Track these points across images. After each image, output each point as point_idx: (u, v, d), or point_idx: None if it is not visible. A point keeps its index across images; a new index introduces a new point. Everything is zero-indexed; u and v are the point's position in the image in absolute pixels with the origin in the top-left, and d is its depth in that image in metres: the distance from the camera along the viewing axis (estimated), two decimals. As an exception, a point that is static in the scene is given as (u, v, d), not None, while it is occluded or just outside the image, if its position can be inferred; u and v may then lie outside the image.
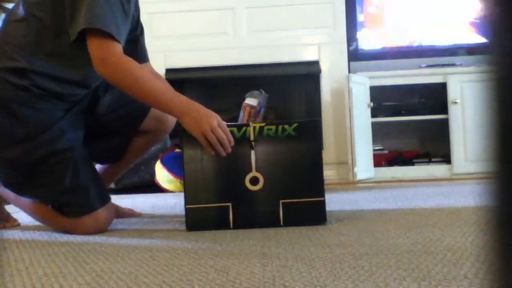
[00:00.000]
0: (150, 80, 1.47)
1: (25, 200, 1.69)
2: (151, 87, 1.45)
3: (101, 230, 1.58)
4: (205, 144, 1.45)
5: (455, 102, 3.47)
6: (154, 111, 1.75)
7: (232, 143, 1.49)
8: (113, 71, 1.44)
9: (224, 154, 1.48)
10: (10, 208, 1.87)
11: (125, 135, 1.83)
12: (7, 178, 1.61)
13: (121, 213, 1.91)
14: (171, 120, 1.79)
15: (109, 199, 1.66)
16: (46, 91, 1.54)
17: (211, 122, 1.44)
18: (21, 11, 1.53)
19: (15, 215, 1.85)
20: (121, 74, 1.44)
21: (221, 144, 1.47)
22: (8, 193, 1.74)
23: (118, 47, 1.45)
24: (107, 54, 1.43)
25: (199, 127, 1.44)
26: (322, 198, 1.54)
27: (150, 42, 2.23)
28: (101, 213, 1.59)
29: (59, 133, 1.57)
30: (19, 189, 1.62)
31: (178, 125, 1.52)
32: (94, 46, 1.43)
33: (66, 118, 1.61)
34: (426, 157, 3.64)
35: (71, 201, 1.58)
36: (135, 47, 1.74)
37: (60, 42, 1.50)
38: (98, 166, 1.87)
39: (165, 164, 2.97)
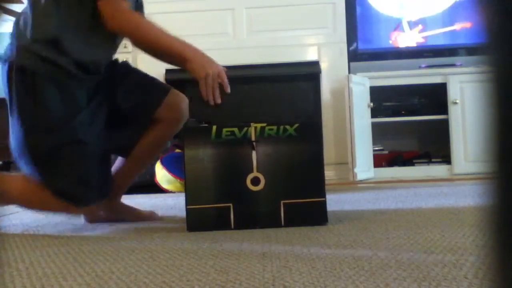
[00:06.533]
0: (156, 30, 1.63)
1: (13, 180, 1.68)
2: (159, 35, 1.63)
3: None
4: (204, 87, 1.57)
5: (455, 102, 3.47)
6: (167, 100, 1.75)
7: (228, 91, 1.59)
8: (122, 24, 1.62)
9: (213, 102, 1.58)
10: (11, 208, 1.87)
11: (139, 124, 1.81)
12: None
13: (141, 216, 1.86)
14: (184, 108, 1.77)
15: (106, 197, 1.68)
16: (74, 63, 1.63)
17: (217, 67, 1.58)
18: None
19: (16, 215, 1.85)
20: (130, 26, 1.62)
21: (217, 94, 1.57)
22: None
23: (126, 4, 1.63)
24: (116, 9, 1.61)
25: (205, 69, 1.56)
26: (323, 199, 1.53)
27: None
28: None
29: (79, 124, 1.62)
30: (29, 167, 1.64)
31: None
32: (105, 4, 1.60)
33: (86, 112, 1.65)
34: (426, 157, 3.64)
35: (70, 190, 1.59)
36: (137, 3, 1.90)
37: (82, 15, 1.64)
38: (113, 167, 1.84)
39: (165, 164, 2.98)
